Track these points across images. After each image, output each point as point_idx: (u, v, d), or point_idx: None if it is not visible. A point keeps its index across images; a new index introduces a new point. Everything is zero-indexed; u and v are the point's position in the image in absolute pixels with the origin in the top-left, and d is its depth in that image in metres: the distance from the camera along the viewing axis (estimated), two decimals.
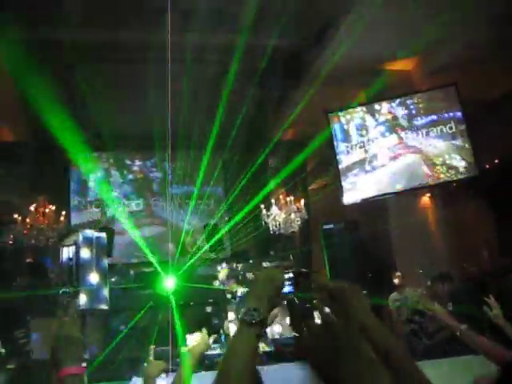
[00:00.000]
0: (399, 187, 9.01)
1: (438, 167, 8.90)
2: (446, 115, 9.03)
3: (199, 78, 10.28)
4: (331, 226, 5.18)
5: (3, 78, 8.66)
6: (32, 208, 10.75)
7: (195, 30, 8.86)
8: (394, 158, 9.17)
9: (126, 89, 10.24)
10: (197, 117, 11.67)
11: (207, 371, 4.79)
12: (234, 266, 10.39)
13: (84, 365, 1.72)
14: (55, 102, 10.11)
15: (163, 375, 3.10)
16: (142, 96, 10.32)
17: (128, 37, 9.06)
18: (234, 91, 10.13)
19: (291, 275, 2.25)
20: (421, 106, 9.19)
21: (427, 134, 9.10)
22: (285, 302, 1.73)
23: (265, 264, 10.78)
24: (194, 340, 2.62)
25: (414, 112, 9.19)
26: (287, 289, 1.87)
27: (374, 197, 9.19)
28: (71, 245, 4.87)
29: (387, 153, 9.20)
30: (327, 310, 1.69)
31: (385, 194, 9.15)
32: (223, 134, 12.66)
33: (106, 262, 5.07)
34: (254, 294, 1.63)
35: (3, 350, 8.50)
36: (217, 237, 11.07)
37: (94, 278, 4.74)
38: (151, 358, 2.97)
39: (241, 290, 5.85)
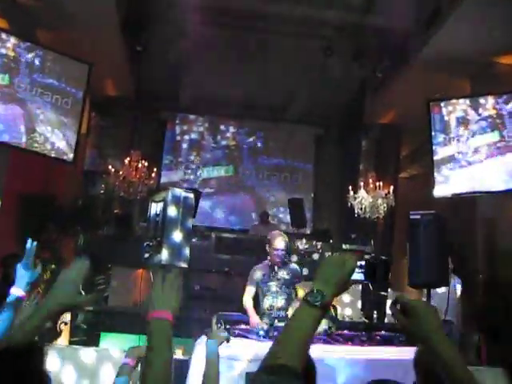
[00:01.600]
0: (493, 187, 8.69)
1: None
2: None
3: (301, 53, 10.24)
4: (418, 216, 5.03)
5: (112, 31, 8.90)
6: (126, 161, 11.10)
7: (307, 3, 8.80)
8: (493, 155, 8.82)
9: (228, 56, 10.32)
10: (295, 90, 11.67)
11: None
12: (314, 243, 10.41)
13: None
14: (161, 62, 10.37)
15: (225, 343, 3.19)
16: (243, 65, 10.41)
17: (239, 3, 9.10)
18: (338, 69, 10.03)
19: (363, 263, 2.23)
20: None
21: None
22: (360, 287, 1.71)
23: (344, 246, 10.74)
24: None
25: None
26: (358, 276, 1.86)
27: (466, 193, 8.90)
28: (160, 201, 4.99)
29: (486, 150, 8.85)
30: None
31: (477, 192, 8.84)
32: (320, 111, 12.63)
33: (190, 222, 5.18)
34: (322, 277, 1.61)
35: (83, 293, 8.95)
36: (300, 212, 11.11)
37: (177, 235, 4.86)
38: (214, 327, 3.04)
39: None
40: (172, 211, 5.01)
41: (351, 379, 4.44)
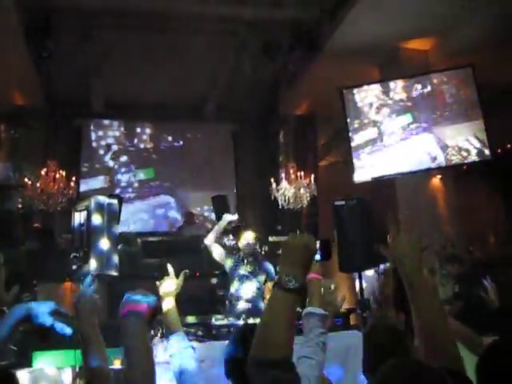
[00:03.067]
0: (410, 167, 8.97)
1: (450, 149, 8.84)
2: (462, 97, 8.95)
3: (211, 50, 10.22)
4: (342, 202, 5.13)
5: (16, 41, 8.59)
6: (43, 172, 10.75)
7: (215, 1, 8.77)
8: (407, 137, 9.11)
9: (140, 57, 10.17)
10: (209, 88, 11.65)
11: (215, 341, 4.83)
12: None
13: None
14: (70, 67, 10.11)
15: None
16: (155, 65, 10.28)
17: (147, 5, 8.97)
18: (249, 64, 10.06)
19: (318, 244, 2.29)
20: (436, 86, 9.10)
21: (441, 115, 9.03)
22: None
23: (271, 238, 10.82)
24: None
25: (429, 92, 9.11)
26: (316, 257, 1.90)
27: (384, 176, 9.15)
28: (83, 210, 4.87)
29: (400, 132, 9.14)
30: None
31: (395, 174, 9.11)
32: (235, 107, 12.65)
33: (116, 228, 5.07)
34: (288, 260, 1.62)
35: (7, 312, 8.62)
36: (224, 208, 11.10)
37: (104, 243, 4.75)
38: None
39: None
40: (97, 219, 4.89)
41: None
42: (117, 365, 5.89)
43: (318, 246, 2.07)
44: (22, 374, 5.19)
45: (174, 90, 11.40)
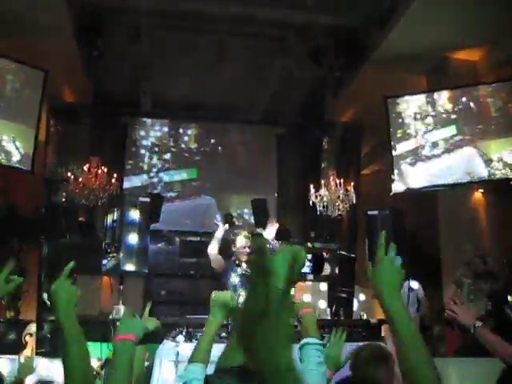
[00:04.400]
0: (452, 180, 8.84)
1: (495, 163, 8.66)
2: (509, 110, 8.76)
3: (260, 53, 10.27)
4: (375, 212, 5.11)
5: (67, 37, 8.80)
6: (85, 168, 10.97)
7: (258, 3, 8.82)
8: (450, 150, 8.98)
9: (188, 58, 10.29)
10: (255, 91, 11.69)
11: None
12: (274, 243, 10.45)
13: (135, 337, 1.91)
14: (119, 66, 10.31)
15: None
16: (203, 66, 10.38)
17: (196, 6, 9.08)
18: (295, 68, 10.07)
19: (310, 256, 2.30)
20: (483, 98, 8.94)
21: (486, 128, 8.85)
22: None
23: (310, 245, 10.80)
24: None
25: (475, 104, 8.95)
26: (305, 269, 1.90)
27: (424, 187, 9.04)
28: (117, 207, 4.99)
29: (443, 144, 9.01)
30: None
31: (436, 186, 8.98)
32: (280, 111, 12.67)
33: (149, 226, 5.17)
34: (276, 272, 1.57)
35: (48, 302, 8.85)
36: (263, 212, 11.13)
37: (135, 240, 4.85)
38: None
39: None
40: (129, 217, 5.03)
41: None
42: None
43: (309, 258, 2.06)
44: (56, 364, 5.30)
45: (219, 91, 11.49)
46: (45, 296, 9.04)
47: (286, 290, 1.56)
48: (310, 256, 5.07)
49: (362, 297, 10.98)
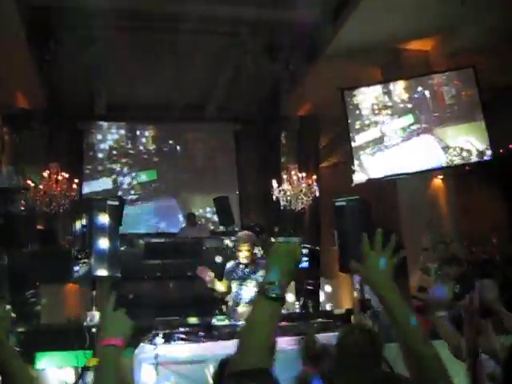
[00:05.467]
0: (411, 168, 8.99)
1: (452, 150, 8.86)
2: (463, 98, 8.97)
3: (213, 51, 10.25)
4: (344, 202, 5.16)
5: (18, 41, 8.62)
6: (45, 174, 10.77)
7: (213, 0, 8.79)
8: (408, 138, 9.13)
9: (141, 58, 10.20)
10: (211, 89, 11.67)
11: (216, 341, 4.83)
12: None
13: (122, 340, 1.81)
14: (72, 70, 10.15)
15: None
16: (157, 66, 10.31)
17: (148, 5, 9.00)
18: (250, 64, 10.09)
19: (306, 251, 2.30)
20: (437, 87, 9.12)
21: (442, 115, 9.04)
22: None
23: (273, 239, 10.83)
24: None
25: (430, 93, 9.13)
26: (304, 264, 1.90)
27: (385, 177, 9.17)
28: (85, 212, 4.92)
29: (402, 133, 9.16)
30: None
31: (397, 175, 9.12)
32: (237, 107, 12.68)
33: (118, 230, 5.12)
34: (273, 268, 1.61)
35: (14, 315, 8.66)
36: (226, 210, 11.13)
37: (107, 245, 4.79)
38: None
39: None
40: (99, 221, 4.95)
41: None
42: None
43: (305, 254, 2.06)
44: None
45: (175, 90, 11.43)
46: (8, 307, 8.87)
47: (286, 286, 1.58)
48: (306, 251, 5.09)
49: (328, 288, 11.08)
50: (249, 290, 5.67)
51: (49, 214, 10.90)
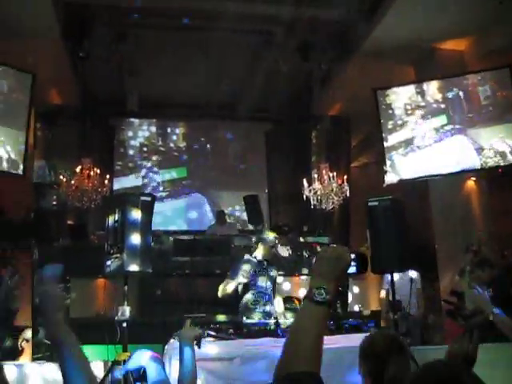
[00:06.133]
0: (444, 170, 8.87)
1: (486, 151, 8.71)
2: (498, 98, 8.81)
3: (246, 49, 10.25)
4: (376, 202, 5.11)
5: (53, 39, 8.73)
6: (77, 170, 10.91)
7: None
8: (441, 139, 9.02)
9: (175, 56, 10.24)
10: (242, 87, 11.66)
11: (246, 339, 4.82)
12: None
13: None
14: (105, 67, 10.25)
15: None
16: (190, 64, 10.33)
17: (182, 3, 9.04)
18: (283, 63, 10.07)
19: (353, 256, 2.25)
20: (472, 87, 8.98)
21: (476, 116, 8.91)
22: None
23: (302, 239, 10.80)
24: None
25: (464, 93, 9.00)
26: (351, 269, 1.85)
27: (417, 178, 9.07)
28: (118, 207, 4.94)
29: (434, 134, 9.05)
30: None
31: (429, 176, 9.02)
32: (268, 106, 12.66)
33: (150, 226, 5.13)
34: (320, 272, 1.59)
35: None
36: (256, 208, 11.12)
37: (139, 240, 4.81)
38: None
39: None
40: (132, 216, 4.96)
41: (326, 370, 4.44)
42: None
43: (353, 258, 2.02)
44: (53, 367, 5.22)
45: (207, 88, 11.47)
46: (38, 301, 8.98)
47: (334, 291, 1.56)
48: (353, 256, 5.06)
49: (356, 289, 11.00)
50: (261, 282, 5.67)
51: (80, 209, 11.03)
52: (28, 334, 7.56)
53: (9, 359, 6.49)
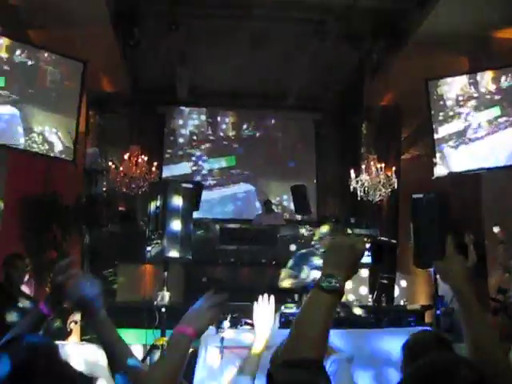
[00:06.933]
0: (497, 163, 8.61)
1: None
2: None
3: (296, 38, 10.17)
4: (421, 195, 5.00)
5: (104, 26, 8.85)
6: (126, 157, 11.07)
7: None
8: (494, 131, 8.75)
9: (225, 45, 10.25)
10: (293, 77, 11.60)
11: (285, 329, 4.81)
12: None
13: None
14: (156, 55, 10.36)
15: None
16: (240, 53, 10.33)
17: None
18: (333, 52, 9.97)
19: (368, 245, 2.21)
20: None
21: None
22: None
23: (349, 231, 10.70)
24: None
25: None
26: (366, 259, 1.82)
27: (468, 171, 8.84)
28: (160, 194, 5.00)
29: (487, 126, 8.78)
30: None
31: (480, 169, 8.77)
32: (318, 96, 12.58)
33: (192, 213, 5.17)
34: (331, 261, 1.58)
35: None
36: (303, 198, 11.08)
37: (179, 227, 4.85)
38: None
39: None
40: (173, 203, 5.00)
41: (362, 364, 4.41)
42: None
43: (368, 247, 1.98)
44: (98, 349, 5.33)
45: (257, 78, 11.46)
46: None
47: (344, 280, 1.54)
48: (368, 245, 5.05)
49: (404, 283, 10.86)
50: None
51: (129, 196, 11.21)
52: (77, 316, 7.72)
53: (57, 340, 6.64)
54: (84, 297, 1.93)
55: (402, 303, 9.68)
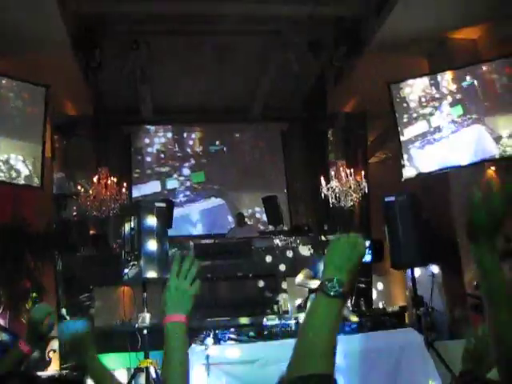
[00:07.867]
0: (463, 161, 8.74)
1: (504, 140, 8.56)
2: None
3: (256, 50, 10.23)
4: (392, 198, 5.06)
5: (65, 50, 8.77)
6: (95, 179, 10.97)
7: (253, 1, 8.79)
8: (458, 130, 8.88)
9: (185, 61, 10.26)
10: (255, 89, 11.65)
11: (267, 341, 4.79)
12: (292, 239, 10.42)
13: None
14: (118, 75, 10.29)
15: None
16: (201, 68, 10.35)
17: (190, 9, 9.05)
18: (294, 62, 10.03)
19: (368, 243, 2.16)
20: (487, 76, 8.84)
21: (493, 105, 8.76)
22: None
23: (324, 238, 10.75)
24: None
25: (479, 82, 8.86)
26: (367, 257, 1.76)
27: (435, 171, 8.95)
28: (133, 215, 4.96)
29: (451, 125, 8.92)
30: None
31: (447, 168, 8.89)
32: (282, 106, 12.64)
33: (167, 232, 5.14)
34: (333, 263, 1.47)
35: (68, 318, 8.87)
36: (275, 209, 11.09)
37: (155, 247, 4.81)
38: None
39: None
40: (147, 223, 4.97)
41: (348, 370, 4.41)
42: None
43: (368, 246, 1.92)
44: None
45: (220, 92, 11.48)
46: (63, 311, 9.06)
47: (349, 283, 1.44)
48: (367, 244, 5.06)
49: (380, 286, 10.93)
50: None
51: (99, 219, 11.09)
52: (55, 344, 7.62)
53: (37, 370, 6.54)
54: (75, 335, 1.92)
55: (380, 306, 9.73)
